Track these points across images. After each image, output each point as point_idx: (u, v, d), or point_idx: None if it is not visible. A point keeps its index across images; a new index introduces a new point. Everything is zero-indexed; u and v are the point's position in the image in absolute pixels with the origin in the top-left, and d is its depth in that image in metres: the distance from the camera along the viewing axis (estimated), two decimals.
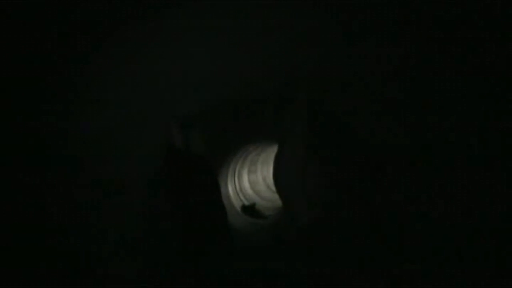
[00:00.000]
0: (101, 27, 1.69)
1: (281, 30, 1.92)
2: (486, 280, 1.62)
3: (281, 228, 3.08)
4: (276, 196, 4.65)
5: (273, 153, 4.87)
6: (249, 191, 4.72)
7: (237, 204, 4.22)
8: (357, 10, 1.72)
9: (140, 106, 2.19)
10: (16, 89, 1.78)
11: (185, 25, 1.83)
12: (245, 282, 2.34)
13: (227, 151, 3.70)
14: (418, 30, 1.66)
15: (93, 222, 2.19)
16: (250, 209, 4.08)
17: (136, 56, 1.93)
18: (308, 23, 1.85)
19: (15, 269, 1.82)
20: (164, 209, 2.26)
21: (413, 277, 1.84)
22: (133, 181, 2.29)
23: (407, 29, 1.68)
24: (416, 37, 1.68)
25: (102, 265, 2.18)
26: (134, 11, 1.65)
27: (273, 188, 5.03)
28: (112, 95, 2.08)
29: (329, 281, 2.08)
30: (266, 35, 1.96)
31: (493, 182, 1.64)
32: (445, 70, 1.68)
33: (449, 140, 1.74)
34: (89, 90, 1.97)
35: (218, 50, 2.07)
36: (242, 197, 4.43)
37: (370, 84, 1.97)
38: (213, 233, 2.18)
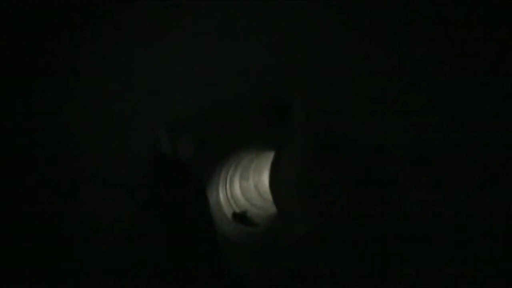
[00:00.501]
0: (93, 26, 1.68)
1: (281, 30, 1.91)
2: (486, 280, 1.62)
3: (274, 237, 3.02)
4: (268, 203, 4.63)
5: (266, 160, 4.87)
6: (240, 198, 4.65)
7: (228, 211, 4.14)
8: (357, 10, 1.71)
9: (135, 107, 2.17)
10: (12, 89, 1.77)
11: (181, 26, 1.82)
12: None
13: (219, 156, 3.62)
14: (418, 30, 1.66)
15: (89, 222, 2.17)
16: (241, 217, 4.00)
17: (130, 56, 1.92)
18: (309, 23, 1.85)
19: (11, 269, 1.80)
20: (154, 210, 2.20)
21: (413, 277, 1.84)
22: (131, 180, 2.28)
23: (407, 29, 1.68)
24: (416, 37, 1.68)
25: (98, 264, 2.16)
26: (127, 13, 1.64)
27: (265, 195, 5.02)
28: (107, 95, 2.07)
29: (328, 282, 2.07)
30: (265, 36, 1.95)
31: (493, 182, 1.64)
32: (446, 70, 1.68)
33: (449, 140, 1.74)
34: (82, 89, 1.96)
35: (214, 51, 2.06)
36: (233, 204, 4.35)
37: (370, 84, 1.96)
38: (199, 244, 2.11)
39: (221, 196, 4.17)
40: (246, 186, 4.91)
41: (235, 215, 4.03)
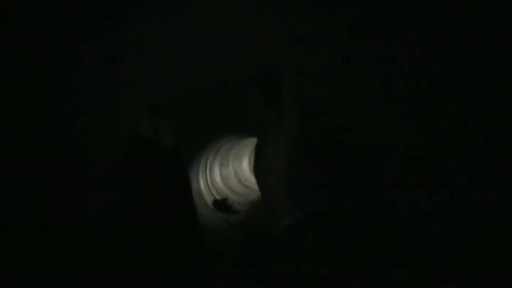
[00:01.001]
0: (94, 26, 1.68)
1: (280, 30, 1.91)
2: (486, 280, 1.62)
3: (257, 225, 2.96)
4: (248, 190, 4.57)
5: (246, 147, 4.82)
6: (221, 185, 4.57)
7: (209, 199, 4.03)
8: (358, 10, 1.71)
9: (115, 92, 2.12)
10: (12, 89, 1.77)
11: (166, 9, 1.79)
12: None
13: (200, 142, 3.53)
14: (419, 30, 1.66)
15: (88, 221, 2.17)
16: (222, 204, 3.80)
17: (111, 39, 1.87)
18: (309, 23, 1.85)
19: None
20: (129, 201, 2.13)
21: (413, 277, 1.84)
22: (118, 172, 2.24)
23: (408, 29, 1.68)
24: (417, 37, 1.69)
25: (92, 263, 2.15)
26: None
27: (245, 182, 5.00)
28: (108, 95, 2.06)
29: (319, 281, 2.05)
30: (265, 35, 1.95)
31: (493, 182, 1.64)
32: (446, 70, 1.68)
33: (450, 140, 1.74)
34: (82, 88, 1.95)
35: (214, 47, 2.05)
36: (214, 192, 4.28)
37: (370, 84, 1.96)
38: (181, 232, 2.02)
39: (202, 183, 4.09)
40: (226, 173, 4.85)
41: (216, 202, 3.93)
